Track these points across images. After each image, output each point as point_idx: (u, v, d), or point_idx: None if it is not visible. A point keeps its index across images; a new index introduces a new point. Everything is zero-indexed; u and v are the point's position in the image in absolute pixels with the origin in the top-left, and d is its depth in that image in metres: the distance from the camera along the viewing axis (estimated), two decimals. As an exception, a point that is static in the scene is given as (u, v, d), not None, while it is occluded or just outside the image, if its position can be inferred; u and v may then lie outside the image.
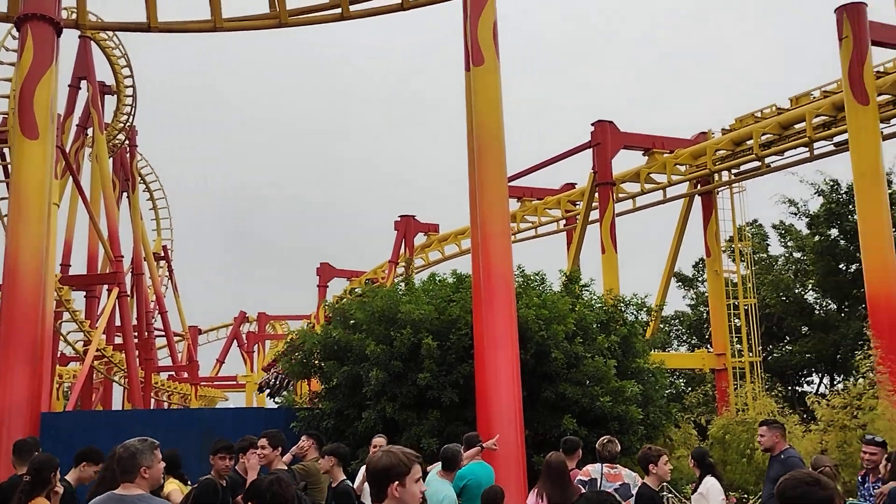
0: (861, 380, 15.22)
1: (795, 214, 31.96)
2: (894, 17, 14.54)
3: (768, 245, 35.97)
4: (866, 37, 18.77)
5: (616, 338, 16.33)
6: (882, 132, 20.02)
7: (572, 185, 33.44)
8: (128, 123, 37.11)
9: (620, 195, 28.78)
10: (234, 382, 57.14)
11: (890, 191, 26.43)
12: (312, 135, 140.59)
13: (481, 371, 13.60)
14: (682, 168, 27.18)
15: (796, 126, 22.75)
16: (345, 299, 19.63)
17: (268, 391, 24.78)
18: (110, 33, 32.46)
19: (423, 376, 14.17)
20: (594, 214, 28.11)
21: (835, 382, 31.49)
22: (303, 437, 9.01)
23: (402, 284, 17.70)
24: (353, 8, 16.82)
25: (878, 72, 19.94)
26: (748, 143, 23.87)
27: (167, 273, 51.83)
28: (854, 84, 18.61)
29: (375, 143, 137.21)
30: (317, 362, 16.29)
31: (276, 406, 23.10)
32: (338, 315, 16.63)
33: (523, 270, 17.16)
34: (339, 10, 16.84)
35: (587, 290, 18.01)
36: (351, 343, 15.22)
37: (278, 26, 16.58)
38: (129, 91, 35.30)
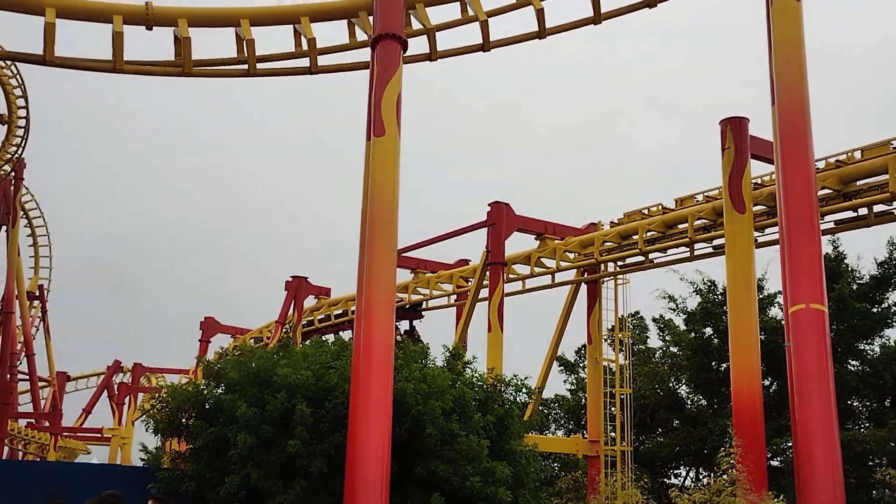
0: (723, 476, 15.66)
1: (674, 310, 33.17)
2: (771, 134, 15.59)
3: (647, 337, 37.12)
4: (747, 149, 20.00)
5: (493, 417, 16.41)
6: (756, 240, 21.16)
7: (466, 262, 33.87)
8: (16, 155, 35.62)
9: (511, 276, 29.29)
10: (100, 435, 54.19)
11: (760, 296, 27.88)
12: (221, 180, 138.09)
13: (353, 441, 13.38)
14: (571, 255, 27.95)
15: (679, 226, 23.84)
16: (223, 357, 19.09)
17: None
18: (8, 62, 31.36)
19: (293, 443, 13.83)
20: (484, 293, 28.47)
21: (700, 476, 32.37)
22: (150, 501, 8.62)
23: (281, 347, 17.36)
24: (259, 66, 16.84)
25: (755, 183, 21.19)
26: (634, 237, 24.83)
27: (40, 314, 49.29)
28: (733, 192, 19.72)
29: (278, 198, 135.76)
30: (184, 420, 15.70)
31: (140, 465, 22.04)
32: (211, 373, 16.14)
33: (407, 342, 17.14)
34: (245, 67, 16.83)
35: (470, 368, 18.12)
36: (221, 403, 14.76)
37: (181, 75, 16.41)
38: (22, 122, 34.00)
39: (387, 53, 15.00)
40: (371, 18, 16.39)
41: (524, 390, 18.88)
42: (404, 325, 36.21)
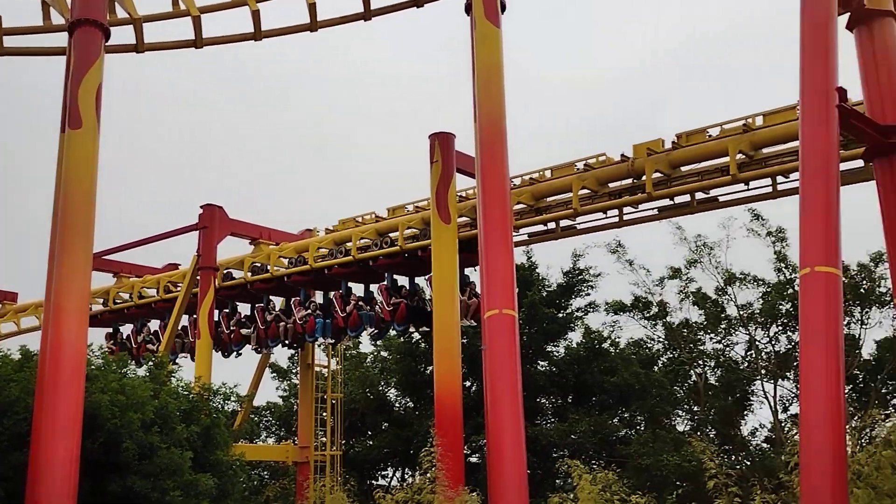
0: (425, 475, 16.38)
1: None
2: (474, 150, 16.74)
3: (360, 342, 37.96)
4: (453, 163, 21.16)
5: (198, 428, 15.85)
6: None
7: (176, 266, 32.34)
8: None
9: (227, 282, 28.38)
10: None
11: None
12: None
13: (35, 461, 12.24)
14: (286, 261, 27.75)
15: (391, 234, 24.62)
16: None
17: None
18: None
19: (-39, 467, 12.35)
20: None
21: (406, 477, 33.64)
22: None
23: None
24: None
25: (460, 196, 22.47)
26: (348, 244, 25.23)
27: None
28: (440, 203, 20.75)
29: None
30: None
31: None
32: None
33: (104, 351, 16.06)
34: None
35: (175, 377, 17.37)
36: None
37: None
38: None
39: (86, 40, 13.97)
40: (69, 1, 15.17)
41: (233, 398, 18.49)
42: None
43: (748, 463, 28.54)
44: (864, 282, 27.26)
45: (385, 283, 23.91)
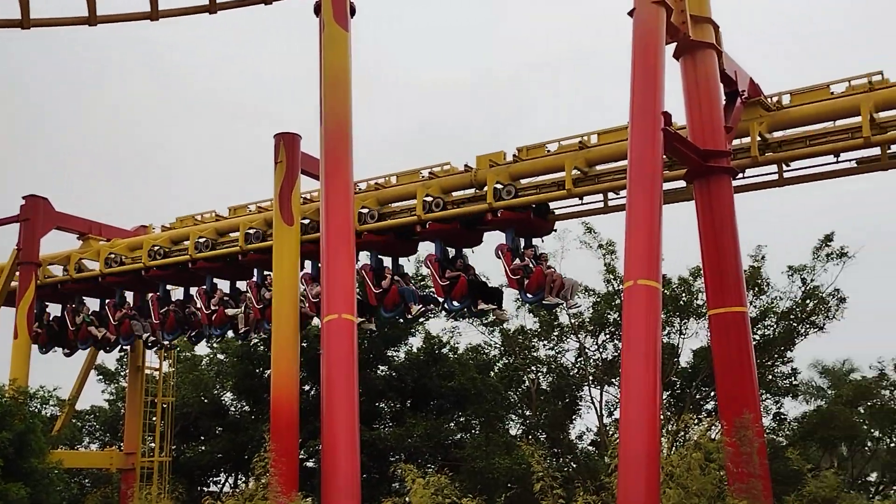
0: (259, 480, 16.03)
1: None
2: (319, 152, 16.63)
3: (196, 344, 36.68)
4: (297, 164, 20.88)
5: (10, 434, 14.87)
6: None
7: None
8: None
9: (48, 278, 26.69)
10: None
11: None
12: None
13: None
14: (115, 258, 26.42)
15: (232, 234, 23.98)
16: None
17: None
18: None
19: None
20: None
21: (239, 483, 32.82)
22: None
23: None
24: None
25: (304, 198, 22.20)
26: (185, 243, 24.35)
27: None
28: (283, 205, 20.43)
29: None
30: None
31: None
32: None
33: None
34: None
35: (-15, 380, 16.21)
36: None
37: None
38: None
39: None
40: None
41: (52, 402, 17.43)
42: None
43: (574, 465, 29.81)
44: (684, 294, 29.13)
45: (434, 254, 20.08)
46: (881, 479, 33.30)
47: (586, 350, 30.88)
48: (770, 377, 29.29)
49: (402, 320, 30.07)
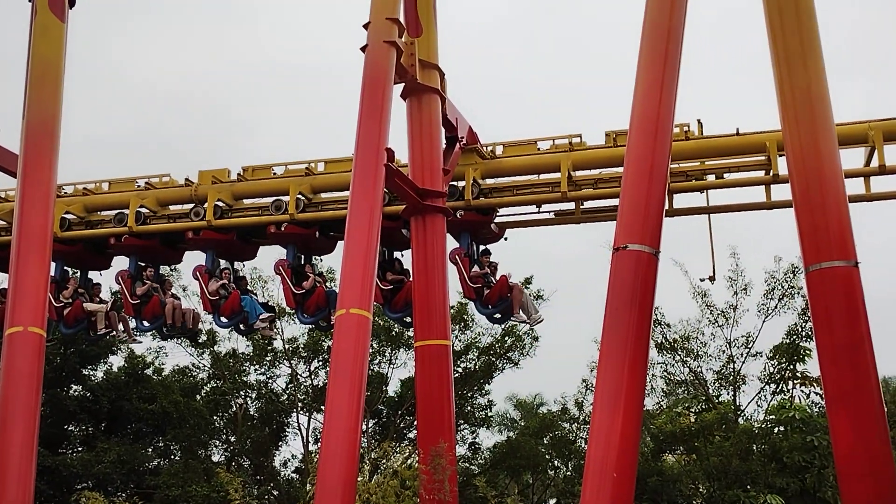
0: None
1: None
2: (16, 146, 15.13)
3: None
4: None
5: None
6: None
7: None
8: None
9: None
10: None
11: None
12: None
13: None
14: None
15: None
16: None
17: None
18: None
19: None
20: None
21: None
22: None
23: None
24: None
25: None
26: None
27: None
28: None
29: None
30: None
31: None
32: None
33: None
34: None
35: None
36: None
37: None
38: None
39: None
40: None
41: None
42: None
43: (276, 493, 29.41)
44: (397, 325, 30.08)
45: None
46: (557, 505, 36.41)
47: (298, 376, 30.76)
48: (469, 408, 31.01)
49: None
